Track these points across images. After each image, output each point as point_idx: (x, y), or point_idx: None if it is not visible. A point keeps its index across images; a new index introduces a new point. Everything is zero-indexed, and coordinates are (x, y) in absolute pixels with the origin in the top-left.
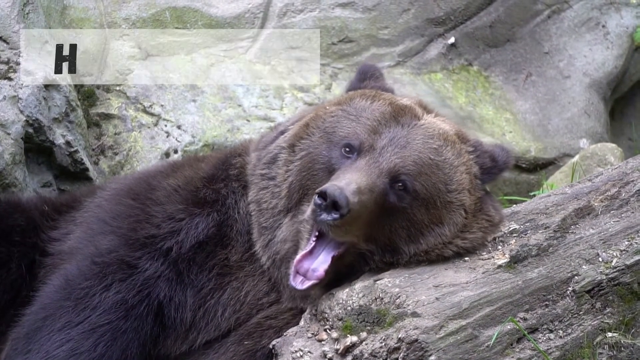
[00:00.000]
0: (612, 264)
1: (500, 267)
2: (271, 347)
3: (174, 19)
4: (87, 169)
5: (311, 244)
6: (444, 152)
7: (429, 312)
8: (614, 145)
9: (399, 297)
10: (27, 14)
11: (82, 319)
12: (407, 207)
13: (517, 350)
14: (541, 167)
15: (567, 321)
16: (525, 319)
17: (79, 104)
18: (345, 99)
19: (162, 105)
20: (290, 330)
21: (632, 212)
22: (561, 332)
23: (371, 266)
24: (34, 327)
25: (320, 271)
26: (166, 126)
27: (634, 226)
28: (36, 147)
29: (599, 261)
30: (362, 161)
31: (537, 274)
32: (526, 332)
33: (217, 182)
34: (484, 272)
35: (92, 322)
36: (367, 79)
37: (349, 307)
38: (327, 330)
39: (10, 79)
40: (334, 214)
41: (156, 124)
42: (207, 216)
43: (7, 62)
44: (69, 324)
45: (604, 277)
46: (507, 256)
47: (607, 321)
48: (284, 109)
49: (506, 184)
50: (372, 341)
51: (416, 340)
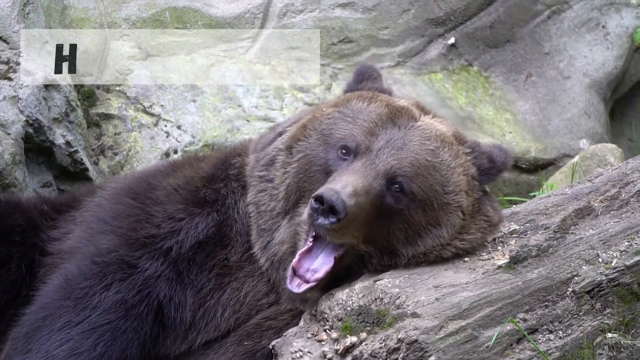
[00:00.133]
0: (612, 265)
1: (500, 267)
2: (271, 347)
3: (174, 19)
4: (87, 169)
5: (309, 244)
6: (441, 154)
7: (428, 313)
8: (614, 145)
9: (399, 297)
10: (27, 14)
11: (82, 318)
12: (404, 208)
13: (517, 350)
14: (541, 167)
15: (567, 322)
16: (525, 320)
17: (79, 104)
18: (342, 100)
19: (162, 105)
20: (290, 330)
21: (632, 213)
22: (561, 332)
23: (369, 269)
24: (34, 327)
25: (321, 272)
26: (166, 126)
27: (634, 227)
28: (36, 147)
29: (599, 262)
30: (358, 163)
31: (537, 274)
32: (526, 333)
33: (217, 182)
34: (483, 273)
35: (92, 322)
36: (365, 80)
37: (349, 308)
38: (327, 330)
39: (10, 79)
40: (332, 218)
41: (156, 124)
42: (207, 216)
43: (7, 62)
44: (69, 324)
45: (604, 278)
46: (507, 257)
47: (607, 322)
48: (284, 109)
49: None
50: (372, 342)
51: (416, 340)
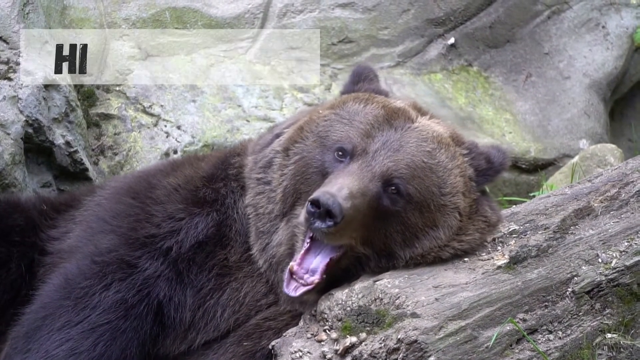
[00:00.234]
0: (612, 265)
1: (499, 267)
2: (270, 347)
3: (173, 19)
4: (86, 169)
5: (306, 246)
6: (438, 155)
7: (428, 313)
8: (613, 146)
9: (399, 297)
10: (27, 14)
11: (82, 318)
12: (400, 210)
13: (517, 351)
14: (541, 167)
15: (567, 322)
16: (524, 320)
17: (78, 104)
18: (338, 102)
19: (161, 105)
20: (289, 330)
21: (632, 213)
22: (560, 333)
23: (367, 272)
24: (34, 326)
25: (318, 273)
26: (166, 126)
27: (634, 227)
28: (36, 147)
29: (599, 262)
30: (354, 165)
31: (536, 274)
32: (525, 333)
33: (216, 182)
34: (483, 273)
35: (92, 322)
36: (361, 81)
37: (349, 308)
38: (327, 330)
39: (10, 79)
40: (328, 222)
41: (156, 124)
42: (206, 216)
43: (7, 62)
44: (69, 324)
45: (604, 278)
46: (506, 257)
47: (606, 322)
48: (283, 110)
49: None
50: (372, 342)
51: (415, 341)
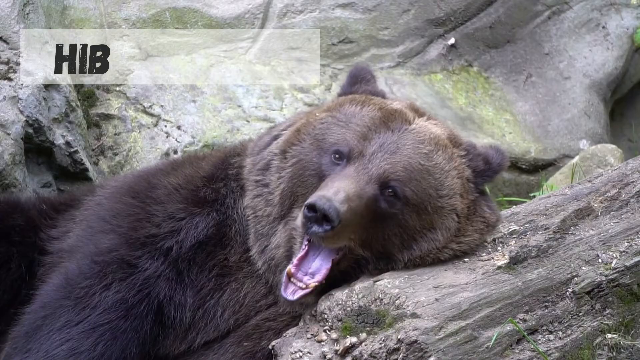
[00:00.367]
0: (612, 265)
1: (499, 268)
2: (270, 347)
3: (174, 19)
4: (86, 170)
5: (304, 248)
6: (435, 157)
7: (428, 313)
8: (614, 146)
9: (399, 298)
10: (28, 14)
11: (82, 318)
12: (398, 213)
13: (517, 351)
14: (541, 168)
15: (567, 322)
16: (524, 320)
17: (78, 104)
18: (335, 105)
19: (162, 105)
20: (289, 330)
21: (632, 214)
22: (561, 333)
23: (365, 274)
24: (34, 326)
25: (319, 275)
26: (166, 127)
27: (634, 227)
28: (36, 147)
29: (599, 262)
30: (351, 168)
31: (536, 275)
32: (526, 334)
33: (216, 182)
34: (483, 273)
35: (92, 322)
36: (358, 82)
37: (349, 308)
38: (327, 331)
39: (10, 79)
40: (326, 226)
41: (156, 125)
42: (207, 216)
43: (7, 63)
44: (69, 323)
45: (604, 279)
46: (506, 257)
47: (606, 322)
48: (283, 110)
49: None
50: (372, 342)
51: (416, 341)
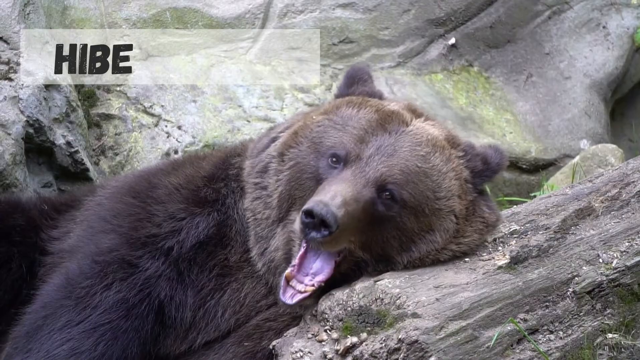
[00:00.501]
0: (613, 265)
1: (500, 268)
2: (271, 347)
3: (174, 19)
4: (87, 170)
5: (302, 250)
6: (432, 159)
7: (429, 313)
8: (614, 146)
9: (399, 297)
10: (28, 14)
11: (83, 318)
12: (395, 215)
13: (517, 351)
14: (542, 168)
15: (568, 322)
16: (525, 320)
17: (79, 104)
18: (332, 107)
19: (162, 105)
20: (290, 330)
21: (633, 213)
22: (561, 333)
23: (365, 276)
24: (35, 326)
25: (321, 276)
26: (166, 127)
27: (635, 227)
28: (37, 147)
29: (600, 262)
30: (348, 171)
31: (537, 275)
32: (526, 333)
33: (217, 182)
34: (484, 273)
35: (93, 321)
36: (355, 83)
37: (349, 308)
38: (328, 330)
39: (10, 80)
40: (324, 232)
41: (156, 125)
42: (207, 216)
43: (7, 63)
44: (70, 323)
45: (605, 278)
46: (507, 257)
47: (607, 322)
48: (284, 110)
49: (507, 185)
50: (372, 342)
51: (416, 341)
